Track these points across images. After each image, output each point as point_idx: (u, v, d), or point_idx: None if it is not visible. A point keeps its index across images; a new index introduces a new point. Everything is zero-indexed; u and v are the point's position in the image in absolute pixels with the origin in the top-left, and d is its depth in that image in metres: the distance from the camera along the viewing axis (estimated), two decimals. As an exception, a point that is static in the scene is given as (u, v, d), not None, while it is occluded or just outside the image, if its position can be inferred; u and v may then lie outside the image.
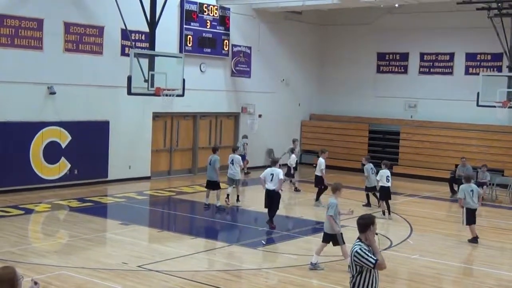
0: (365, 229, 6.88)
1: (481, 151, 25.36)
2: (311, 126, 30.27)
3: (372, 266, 6.67)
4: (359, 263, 6.71)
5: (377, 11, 27.91)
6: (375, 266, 6.69)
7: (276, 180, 15.87)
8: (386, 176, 17.86)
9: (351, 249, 6.86)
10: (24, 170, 19.11)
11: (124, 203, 18.71)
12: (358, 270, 6.75)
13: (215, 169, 18.21)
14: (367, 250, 6.74)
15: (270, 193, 15.99)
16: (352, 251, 6.79)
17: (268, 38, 27.69)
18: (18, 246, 12.99)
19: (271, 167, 16.32)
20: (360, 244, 6.80)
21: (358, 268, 6.74)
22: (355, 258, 6.72)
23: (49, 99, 19.74)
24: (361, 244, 6.80)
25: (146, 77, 17.63)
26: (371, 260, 6.66)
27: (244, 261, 13.03)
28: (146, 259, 12.41)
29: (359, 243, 6.82)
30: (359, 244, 6.80)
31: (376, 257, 6.71)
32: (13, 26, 18.56)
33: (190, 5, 23.64)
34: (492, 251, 14.63)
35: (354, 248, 6.79)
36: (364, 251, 6.71)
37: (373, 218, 6.99)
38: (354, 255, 6.73)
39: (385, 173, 17.93)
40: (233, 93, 26.35)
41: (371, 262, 6.66)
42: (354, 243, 6.86)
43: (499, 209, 20.54)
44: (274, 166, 16.24)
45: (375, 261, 6.67)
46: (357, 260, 6.71)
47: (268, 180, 15.98)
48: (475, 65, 26.58)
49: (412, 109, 28.25)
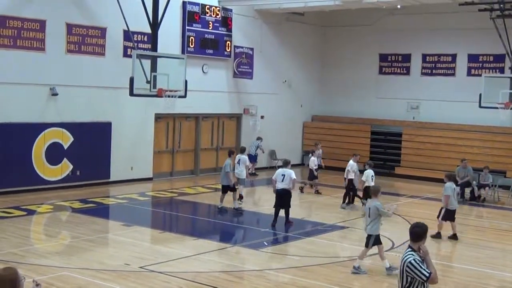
0: (420, 238, 6.56)
1: (483, 152, 25.33)
2: (313, 127, 30.26)
3: (425, 279, 6.34)
4: (411, 274, 6.38)
5: (379, 12, 27.90)
6: (428, 280, 6.36)
7: (288, 180, 16.03)
8: (371, 176, 18.17)
9: (403, 259, 6.50)
10: (26, 171, 19.12)
11: (126, 204, 18.72)
12: (409, 281, 6.43)
13: (225, 173, 17.94)
14: (420, 261, 6.40)
15: (280, 192, 16.13)
16: (405, 261, 6.44)
17: (270, 39, 27.71)
18: (20, 247, 12.99)
19: (283, 167, 16.50)
20: (412, 254, 6.46)
21: (409, 279, 6.42)
22: (407, 269, 6.38)
23: (51, 100, 19.76)
24: (414, 254, 6.46)
25: (148, 78, 17.63)
26: (425, 273, 6.33)
27: (247, 262, 13.04)
28: (148, 260, 12.41)
29: (412, 253, 6.48)
30: (412, 254, 6.47)
31: (430, 270, 6.38)
32: (16, 27, 18.58)
33: (192, 6, 23.66)
34: (494, 253, 14.60)
35: (407, 258, 6.45)
36: (418, 262, 6.38)
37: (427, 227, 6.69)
38: (407, 265, 6.40)
39: (369, 173, 18.24)
40: (235, 94, 26.36)
41: (425, 276, 6.33)
42: (406, 253, 6.53)
43: (501, 210, 20.51)
44: (285, 167, 16.40)
45: (428, 275, 6.34)
46: (409, 271, 6.38)
47: (279, 181, 16.21)
48: (478, 67, 26.56)
49: (414, 110, 28.23)
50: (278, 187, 16.22)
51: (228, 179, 17.86)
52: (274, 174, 16.66)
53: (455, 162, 23.85)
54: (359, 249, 12.63)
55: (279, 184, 16.21)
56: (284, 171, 16.30)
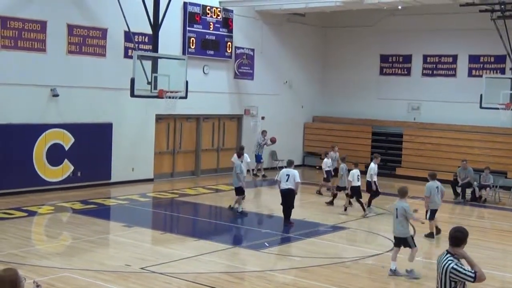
0: (461, 243, 6.56)
1: (484, 153, 25.31)
2: (314, 128, 30.26)
3: (473, 279, 6.37)
4: (455, 278, 6.39)
5: (380, 13, 27.90)
6: (476, 279, 6.38)
7: (292, 181, 16.11)
8: (357, 175, 18.28)
9: (443, 265, 6.47)
10: (27, 172, 19.13)
11: (127, 205, 18.72)
12: (453, 286, 6.44)
13: (236, 175, 17.77)
14: (461, 264, 6.42)
15: (284, 192, 16.21)
16: (446, 267, 6.42)
17: (271, 40, 27.71)
18: (21, 248, 13.00)
19: (287, 168, 16.56)
20: (452, 259, 6.46)
21: (453, 284, 6.43)
22: (452, 274, 6.38)
23: (52, 101, 19.76)
24: (454, 259, 6.46)
25: (149, 79, 17.64)
26: (471, 274, 6.36)
27: (247, 263, 13.04)
28: (149, 261, 12.41)
29: (451, 258, 6.48)
30: (452, 259, 6.46)
31: (474, 269, 6.40)
32: (17, 28, 18.59)
33: (193, 7, 23.67)
34: (495, 253, 14.60)
35: (448, 264, 6.43)
36: (460, 266, 6.39)
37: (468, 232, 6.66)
38: (450, 271, 6.39)
39: (355, 173, 18.33)
40: (236, 95, 26.36)
41: (471, 276, 6.36)
42: (445, 259, 6.51)
43: (502, 211, 20.51)
44: (289, 167, 16.52)
45: (474, 274, 6.37)
46: (454, 276, 6.39)
47: (284, 181, 16.36)
48: (478, 67, 26.54)
49: (415, 111, 28.22)
50: (283, 187, 16.35)
51: (240, 181, 17.70)
52: (278, 174, 16.71)
53: (456, 163, 23.84)
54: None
55: (284, 184, 16.34)
56: (288, 171, 16.48)
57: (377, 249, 14.30)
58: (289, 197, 16.39)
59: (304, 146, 30.15)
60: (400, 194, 12.60)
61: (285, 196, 16.42)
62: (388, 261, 12.50)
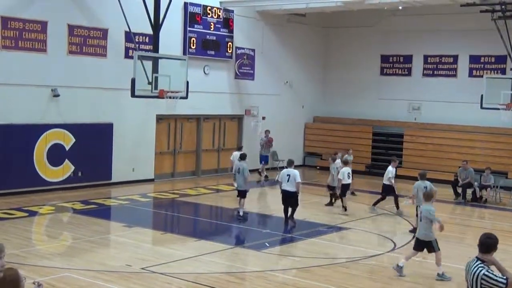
0: (491, 249, 6.56)
1: (485, 153, 25.29)
2: (314, 128, 30.26)
3: (505, 286, 6.33)
4: (487, 285, 6.36)
5: (380, 13, 27.89)
6: (508, 286, 6.34)
7: (293, 182, 16.07)
8: (347, 173, 18.34)
9: (474, 272, 6.45)
10: (28, 172, 19.14)
11: (127, 205, 18.73)
12: None
13: (243, 177, 17.48)
14: (492, 271, 6.41)
15: (286, 193, 16.19)
16: (477, 274, 6.40)
17: (272, 40, 27.71)
18: (22, 248, 13.00)
19: (287, 168, 16.53)
20: (483, 266, 6.45)
21: None
22: (483, 281, 6.36)
23: (53, 102, 19.77)
24: (484, 265, 6.45)
25: (149, 79, 17.64)
26: (502, 281, 6.34)
27: (248, 263, 13.05)
28: (150, 261, 12.42)
29: (482, 265, 6.47)
30: (483, 266, 6.46)
31: (506, 275, 6.40)
32: (17, 29, 18.61)
33: (194, 8, 23.68)
34: (496, 254, 14.52)
35: (479, 271, 6.42)
36: (492, 272, 6.38)
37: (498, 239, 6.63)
38: (482, 278, 6.37)
39: (346, 171, 18.38)
40: (237, 96, 26.37)
41: (503, 283, 6.33)
42: (476, 265, 6.50)
43: (503, 211, 20.50)
44: (290, 167, 16.46)
45: (506, 280, 6.34)
46: (485, 283, 6.36)
47: (285, 181, 16.27)
48: (479, 68, 26.54)
49: (416, 111, 28.22)
50: (284, 188, 16.30)
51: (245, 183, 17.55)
52: (279, 175, 16.68)
53: (457, 163, 23.83)
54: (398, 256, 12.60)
55: (285, 184, 16.29)
56: (289, 171, 16.41)
57: (378, 249, 14.31)
58: (292, 199, 16.34)
59: (305, 146, 30.15)
60: (426, 197, 12.56)
61: (287, 198, 16.37)
62: (388, 261, 12.49)
